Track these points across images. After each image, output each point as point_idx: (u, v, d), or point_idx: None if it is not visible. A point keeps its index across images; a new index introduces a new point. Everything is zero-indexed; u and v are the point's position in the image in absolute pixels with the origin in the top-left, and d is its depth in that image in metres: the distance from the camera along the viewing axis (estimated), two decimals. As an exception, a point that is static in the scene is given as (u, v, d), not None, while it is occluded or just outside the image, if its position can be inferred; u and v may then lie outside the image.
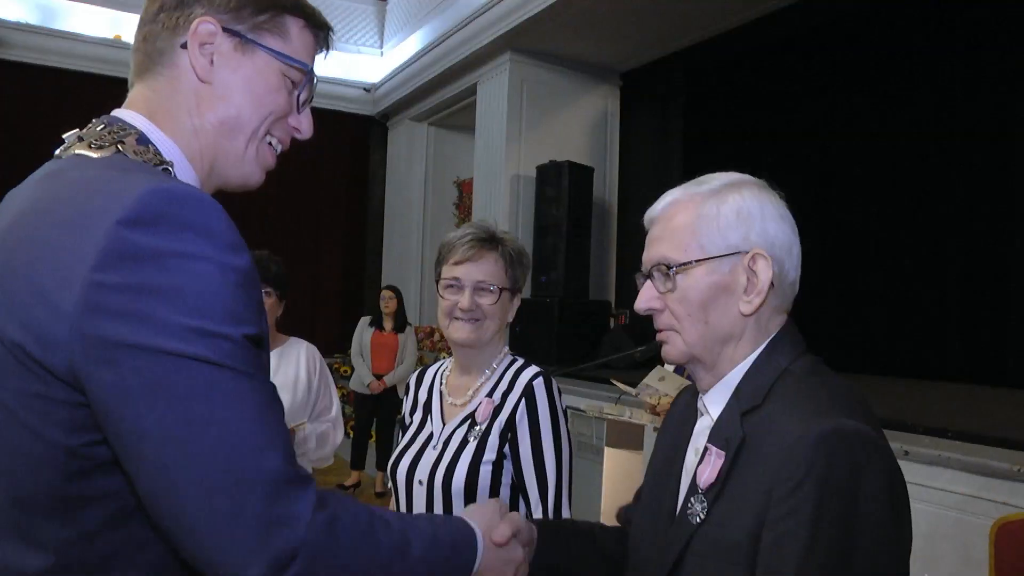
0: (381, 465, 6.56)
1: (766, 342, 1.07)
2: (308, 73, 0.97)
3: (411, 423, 1.81)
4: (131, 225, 0.70)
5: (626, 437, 3.37)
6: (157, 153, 0.86)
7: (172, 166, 0.86)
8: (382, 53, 9.90)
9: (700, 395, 1.12)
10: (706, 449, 1.04)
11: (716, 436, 1.04)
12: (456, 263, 1.70)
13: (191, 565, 0.74)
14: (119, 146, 0.83)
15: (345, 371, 9.19)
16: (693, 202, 1.09)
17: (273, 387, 0.78)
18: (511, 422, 1.63)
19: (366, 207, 10.27)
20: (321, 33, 0.99)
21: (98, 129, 0.86)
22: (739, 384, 1.05)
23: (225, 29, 0.90)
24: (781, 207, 1.07)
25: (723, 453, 1.01)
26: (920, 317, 5.84)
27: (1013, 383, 5.08)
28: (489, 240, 1.71)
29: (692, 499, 1.03)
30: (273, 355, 2.61)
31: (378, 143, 10.25)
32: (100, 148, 0.82)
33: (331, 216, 9.89)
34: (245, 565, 0.71)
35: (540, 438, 1.62)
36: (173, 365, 0.70)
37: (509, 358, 1.76)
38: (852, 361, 5.30)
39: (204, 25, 0.89)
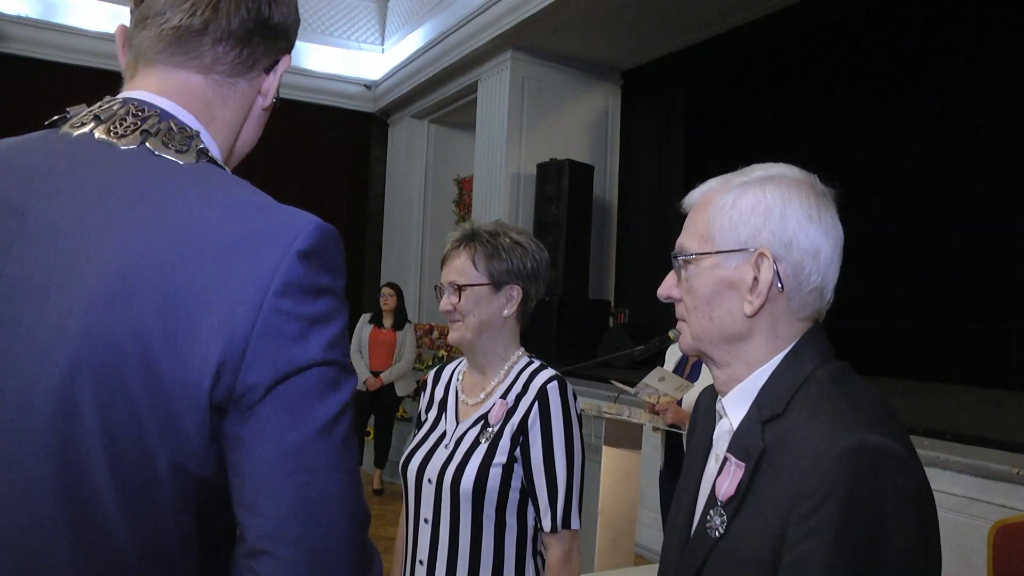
0: (379, 462, 6.56)
1: (788, 348, 1.01)
2: (276, 102, 1.00)
3: (426, 420, 1.80)
4: (306, 258, 0.73)
5: (625, 436, 3.37)
6: (216, 161, 0.86)
7: None
8: (383, 50, 9.89)
9: (719, 396, 1.07)
10: (726, 459, 0.99)
11: (736, 446, 0.99)
12: (442, 267, 1.74)
13: None
14: (203, 154, 0.83)
15: (344, 368, 9.19)
16: (719, 192, 1.03)
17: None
18: (523, 426, 1.61)
19: (366, 204, 10.26)
20: None
21: (153, 121, 0.82)
22: (760, 391, 1.00)
23: None
24: (814, 207, 0.99)
25: (743, 464, 0.96)
26: (920, 318, 5.84)
27: (1013, 385, 5.08)
28: (465, 238, 1.71)
29: (711, 512, 0.99)
30: None
31: (378, 140, 10.24)
32: (181, 152, 0.81)
33: (331, 213, 9.88)
34: None
35: (552, 443, 1.60)
36: (318, 402, 0.73)
37: (525, 359, 1.73)
38: (852, 363, 5.29)
39: (287, 61, 0.93)
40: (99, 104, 0.84)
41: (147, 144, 0.80)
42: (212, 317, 0.69)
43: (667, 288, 1.09)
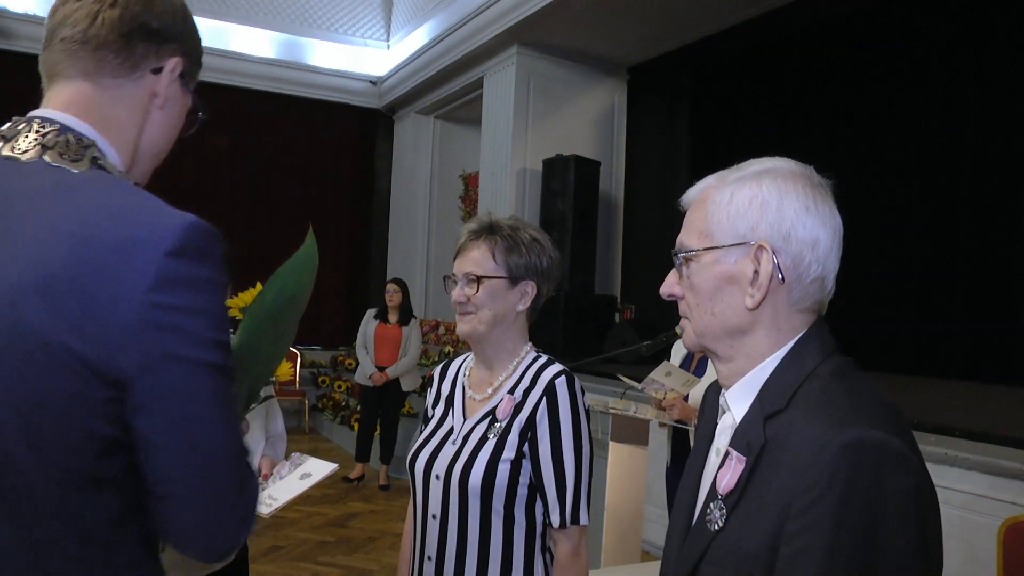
0: (385, 458, 6.57)
1: (791, 342, 1.01)
2: (202, 119, 1.14)
3: (433, 415, 1.78)
4: (175, 256, 0.85)
5: (631, 432, 3.36)
6: (113, 166, 0.98)
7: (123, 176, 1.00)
8: (388, 46, 9.89)
9: (723, 390, 1.08)
10: (727, 453, 1.00)
11: (738, 440, 0.99)
12: (455, 258, 1.71)
13: (183, 538, 0.92)
14: (95, 161, 0.94)
15: (350, 364, 9.21)
16: (716, 188, 1.04)
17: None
18: (532, 421, 1.60)
19: (371, 200, 10.27)
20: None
21: (52, 135, 0.94)
22: (764, 386, 1.00)
23: (181, 72, 1.06)
24: (810, 199, 0.99)
25: (744, 458, 0.96)
26: (928, 315, 5.81)
27: (1022, 382, 5.05)
28: (484, 230, 1.68)
29: (711, 505, 0.99)
30: None
31: (384, 136, 10.25)
32: (75, 161, 0.93)
33: (336, 209, 9.90)
34: (233, 529, 0.92)
35: (560, 439, 1.59)
36: (200, 372, 0.87)
37: (533, 354, 1.71)
38: (858, 359, 5.26)
39: (178, 63, 1.05)
40: (7, 124, 0.97)
41: (45, 157, 0.92)
42: (98, 313, 0.82)
43: (669, 286, 1.10)
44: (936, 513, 0.89)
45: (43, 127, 0.95)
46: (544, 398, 1.61)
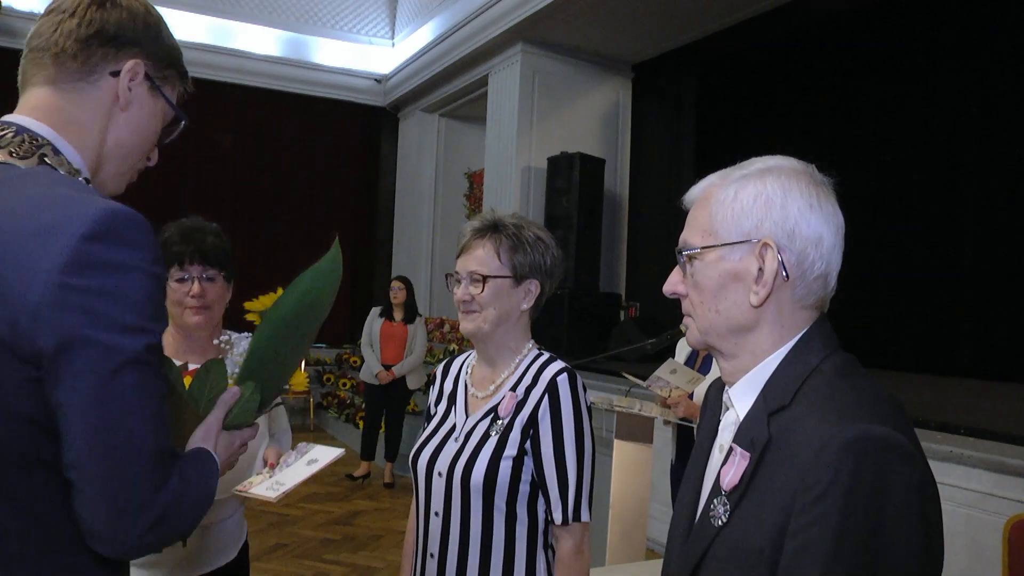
0: (390, 456, 6.58)
1: (794, 339, 1.02)
2: (182, 122, 1.19)
3: (435, 413, 1.79)
4: (91, 240, 0.88)
5: (636, 430, 3.36)
6: (69, 164, 1.03)
7: (80, 174, 1.04)
8: (393, 44, 9.89)
9: (726, 387, 1.08)
10: (731, 449, 1.01)
11: (741, 436, 1.00)
12: (458, 256, 1.71)
13: (88, 529, 0.93)
14: (43, 159, 1.00)
15: (355, 362, 9.22)
16: (719, 186, 1.05)
17: (164, 377, 0.99)
18: (534, 418, 1.60)
19: (376, 198, 10.28)
20: (184, 89, 1.22)
21: (8, 136, 1.01)
22: (768, 382, 1.01)
23: (146, 73, 1.10)
24: (814, 196, 1.00)
25: (748, 454, 0.97)
26: (933, 312, 5.80)
27: (1027, 379, 5.04)
28: (488, 228, 1.68)
29: (715, 501, 1.00)
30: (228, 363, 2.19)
31: (389, 134, 10.25)
32: (24, 158, 0.99)
33: (341, 207, 9.91)
34: (129, 524, 0.91)
35: (562, 436, 1.59)
36: (111, 356, 0.88)
37: (535, 352, 1.72)
38: (864, 357, 5.25)
39: (137, 65, 1.09)
40: None
41: None
42: (15, 290, 0.86)
43: (672, 284, 1.10)
44: (938, 507, 0.90)
45: (2, 129, 1.02)
46: (546, 395, 1.61)
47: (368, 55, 9.85)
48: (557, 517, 1.59)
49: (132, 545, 0.93)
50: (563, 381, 1.62)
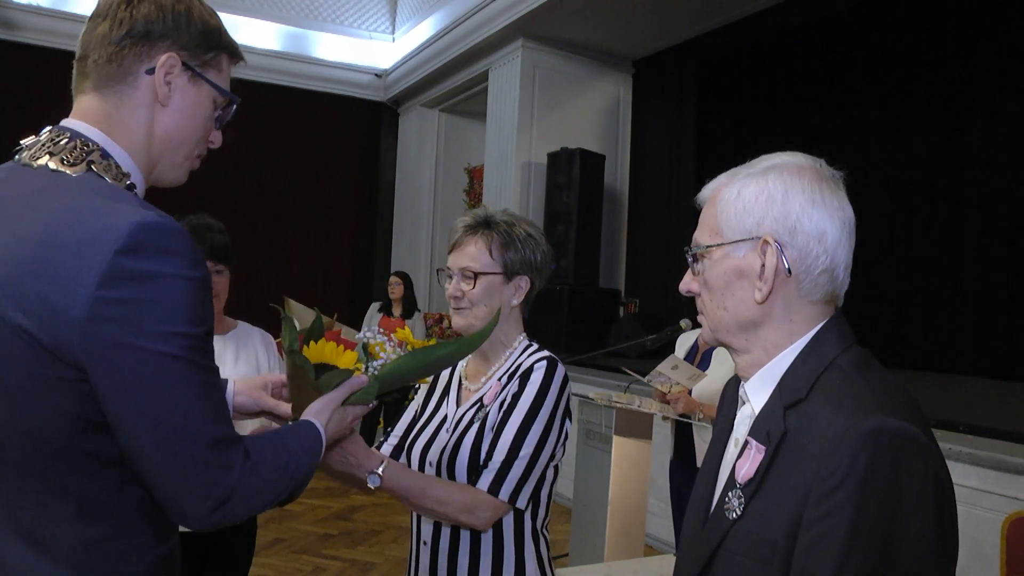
0: (389, 451, 6.57)
1: (809, 333, 1.03)
2: (232, 101, 1.20)
3: (429, 405, 1.81)
4: (124, 254, 0.93)
5: (635, 426, 3.36)
6: (117, 167, 1.07)
7: (130, 177, 1.08)
8: (393, 39, 9.87)
9: (742, 382, 1.10)
10: (746, 443, 1.02)
11: (757, 430, 1.01)
12: (450, 251, 1.72)
13: (161, 508, 1.02)
14: (91, 165, 1.04)
15: (354, 357, 9.20)
16: (726, 185, 1.07)
17: (216, 369, 1.04)
18: (504, 399, 1.62)
19: (376, 193, 10.27)
20: (237, 62, 1.24)
21: (63, 143, 1.05)
22: (784, 376, 1.02)
23: (183, 64, 1.12)
24: (817, 192, 1.01)
25: (763, 448, 0.98)
26: (933, 310, 5.80)
27: (1026, 377, 5.04)
28: (480, 225, 1.69)
29: (729, 494, 1.01)
30: (229, 343, 2.50)
31: (389, 129, 10.23)
32: (73, 165, 1.03)
33: (341, 202, 9.89)
34: (196, 504, 0.98)
35: (512, 410, 1.58)
36: (151, 359, 0.94)
37: (525, 343, 1.73)
38: (863, 353, 5.27)
39: (170, 59, 1.10)
40: (35, 136, 1.08)
41: (50, 163, 1.03)
42: (54, 307, 0.92)
43: (686, 283, 1.12)
44: (952, 500, 0.91)
45: (58, 135, 1.06)
46: (519, 378, 1.62)
47: (368, 50, 9.83)
48: (482, 483, 1.54)
49: (203, 524, 1.00)
50: (540, 368, 1.62)
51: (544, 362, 1.64)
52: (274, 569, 4.42)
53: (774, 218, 1.01)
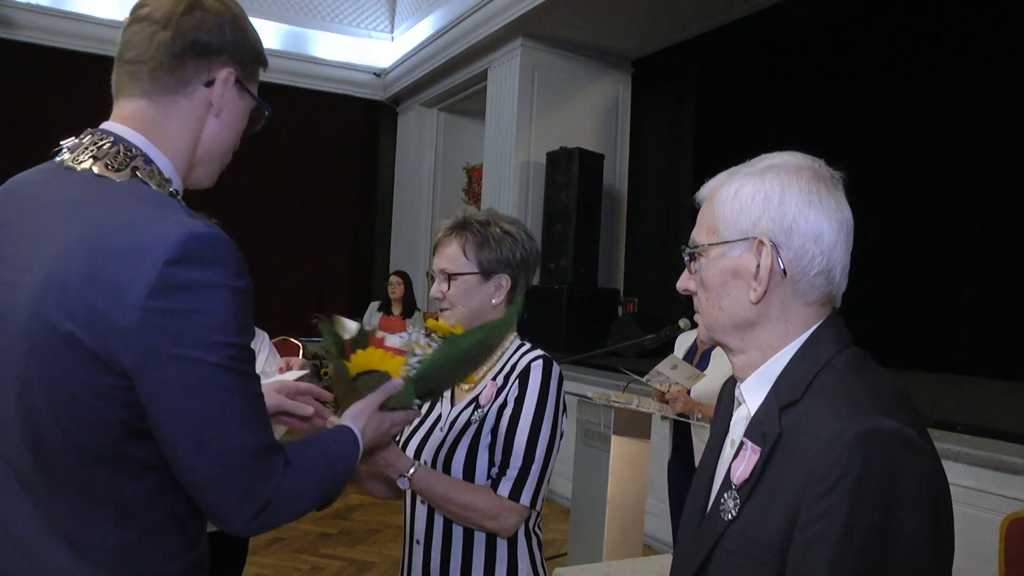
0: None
1: (804, 334, 1.03)
2: (267, 114, 1.24)
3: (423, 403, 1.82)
4: (173, 264, 0.93)
5: (633, 425, 3.36)
6: (160, 173, 1.07)
7: (172, 183, 1.09)
8: (392, 38, 9.86)
9: (738, 383, 1.10)
10: (742, 444, 1.02)
11: (753, 431, 1.01)
12: (432, 254, 1.77)
13: (203, 512, 1.04)
14: (135, 171, 1.04)
15: (353, 356, 9.20)
16: (724, 185, 1.06)
17: (258, 378, 1.04)
18: (505, 402, 1.63)
19: (375, 192, 10.26)
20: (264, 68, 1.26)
21: (106, 147, 1.05)
22: (779, 377, 1.02)
23: (236, 79, 1.14)
24: (814, 192, 1.01)
25: (759, 449, 0.98)
26: (931, 310, 5.80)
27: (1024, 377, 5.05)
28: (457, 227, 1.73)
29: (725, 495, 1.01)
30: None
31: (388, 128, 10.23)
32: (118, 171, 1.03)
33: (340, 201, 9.89)
34: (237, 511, 1.00)
35: (519, 415, 1.61)
36: (197, 369, 0.95)
37: (517, 342, 1.75)
38: (862, 352, 5.27)
39: (230, 74, 1.13)
40: (77, 137, 1.08)
41: (94, 168, 1.03)
42: (104, 315, 0.93)
43: (683, 281, 1.12)
44: (948, 500, 0.91)
45: (101, 139, 1.06)
46: (518, 379, 1.64)
47: (367, 49, 9.82)
48: (502, 490, 1.58)
49: (244, 530, 1.03)
50: (536, 367, 1.65)
51: (540, 361, 1.66)
52: (272, 568, 4.41)
53: (770, 218, 1.00)
